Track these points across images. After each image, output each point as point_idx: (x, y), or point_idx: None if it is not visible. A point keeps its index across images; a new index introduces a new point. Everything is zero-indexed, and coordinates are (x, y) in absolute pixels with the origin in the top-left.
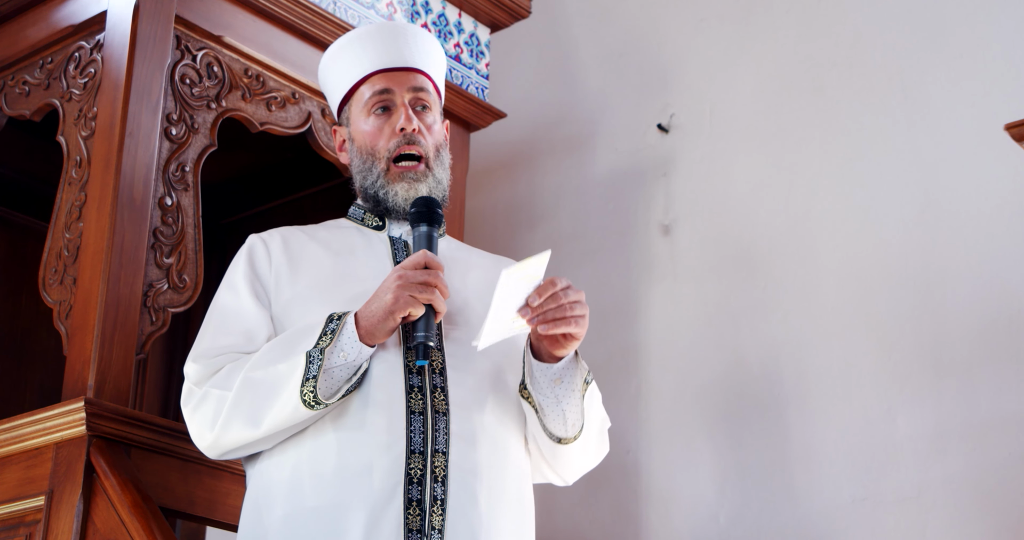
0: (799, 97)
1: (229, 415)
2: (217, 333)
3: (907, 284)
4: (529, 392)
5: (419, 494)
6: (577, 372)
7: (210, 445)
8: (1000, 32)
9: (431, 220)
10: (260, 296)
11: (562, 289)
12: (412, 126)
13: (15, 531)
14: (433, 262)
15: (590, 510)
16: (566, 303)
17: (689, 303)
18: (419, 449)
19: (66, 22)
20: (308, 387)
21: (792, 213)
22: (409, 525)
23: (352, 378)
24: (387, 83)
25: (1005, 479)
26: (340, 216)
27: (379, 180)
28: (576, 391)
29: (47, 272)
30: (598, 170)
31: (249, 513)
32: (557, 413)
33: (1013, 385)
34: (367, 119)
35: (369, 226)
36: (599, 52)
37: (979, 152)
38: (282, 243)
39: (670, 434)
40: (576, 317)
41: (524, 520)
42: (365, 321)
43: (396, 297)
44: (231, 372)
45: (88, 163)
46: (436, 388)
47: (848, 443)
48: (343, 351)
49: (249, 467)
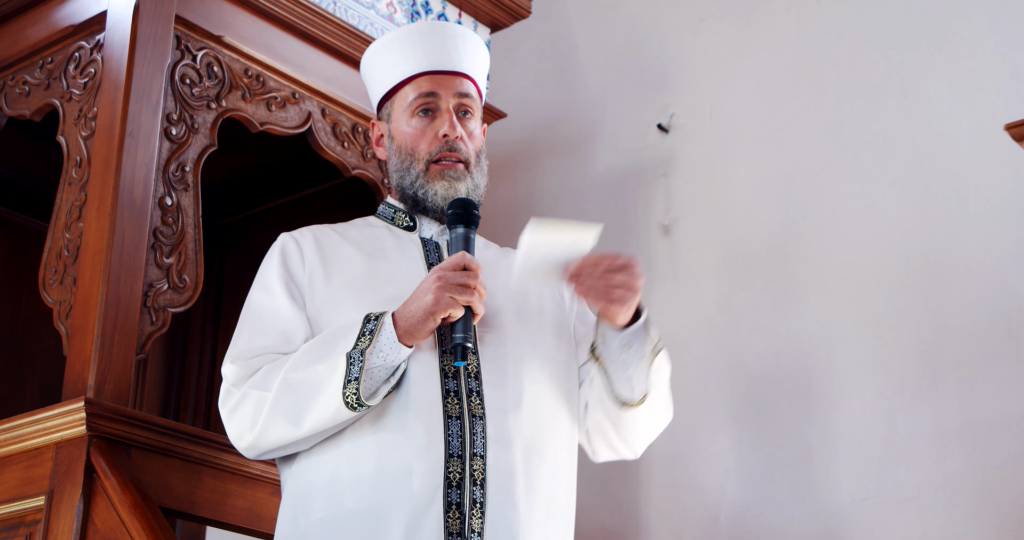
0: (799, 97)
1: (269, 416)
2: (253, 334)
3: (907, 284)
4: (599, 354)
5: (458, 497)
6: (647, 340)
7: (250, 445)
8: (1000, 32)
9: (468, 221)
10: (295, 296)
11: (608, 267)
12: (456, 133)
13: (15, 531)
14: (472, 264)
15: (590, 510)
16: (605, 285)
17: (689, 303)
18: (457, 453)
19: (66, 22)
20: (351, 389)
21: (792, 213)
22: (449, 528)
23: (390, 379)
24: (433, 86)
25: (1005, 479)
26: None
27: (418, 180)
28: (644, 358)
29: (47, 272)
30: (598, 170)
31: (287, 516)
32: (624, 378)
33: (1013, 385)
34: (410, 120)
35: (400, 226)
36: (599, 52)
37: (979, 152)
38: (315, 242)
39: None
40: (613, 299)
41: (561, 521)
42: (404, 322)
43: (437, 298)
44: (270, 373)
45: (88, 163)
46: (472, 392)
47: (848, 443)
48: (382, 351)
49: (285, 469)
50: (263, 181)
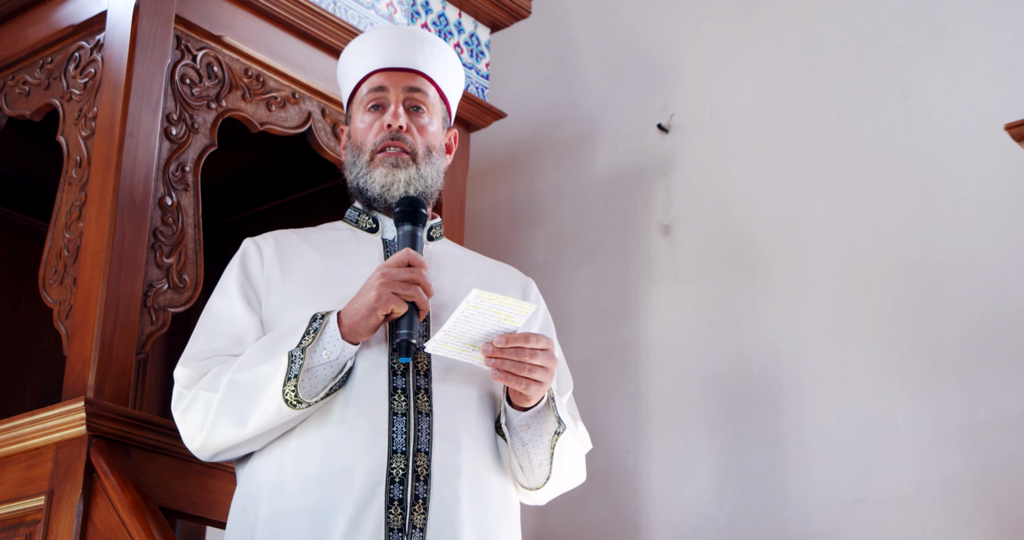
0: (799, 97)
1: (216, 416)
2: (208, 337)
3: (907, 284)
4: (503, 432)
5: (401, 493)
6: (548, 422)
7: (200, 447)
8: (1000, 32)
9: (415, 219)
10: (251, 300)
11: (531, 348)
12: (399, 123)
13: (15, 531)
14: (416, 260)
15: (589, 510)
16: (527, 364)
17: (689, 303)
18: (401, 449)
19: (66, 22)
20: (290, 387)
21: (792, 213)
22: (390, 524)
23: (337, 377)
24: (383, 81)
25: (1005, 479)
26: (340, 217)
27: (362, 170)
28: (544, 438)
29: (47, 272)
30: (598, 170)
31: (236, 513)
32: (523, 454)
33: (1013, 385)
34: (361, 116)
35: (363, 228)
36: (599, 52)
37: (979, 152)
38: (275, 246)
39: (670, 434)
40: (531, 379)
41: (509, 520)
42: (348, 319)
43: (379, 294)
44: (218, 374)
45: (88, 163)
46: (420, 389)
47: (848, 443)
48: (325, 349)
49: (239, 468)
50: (263, 181)
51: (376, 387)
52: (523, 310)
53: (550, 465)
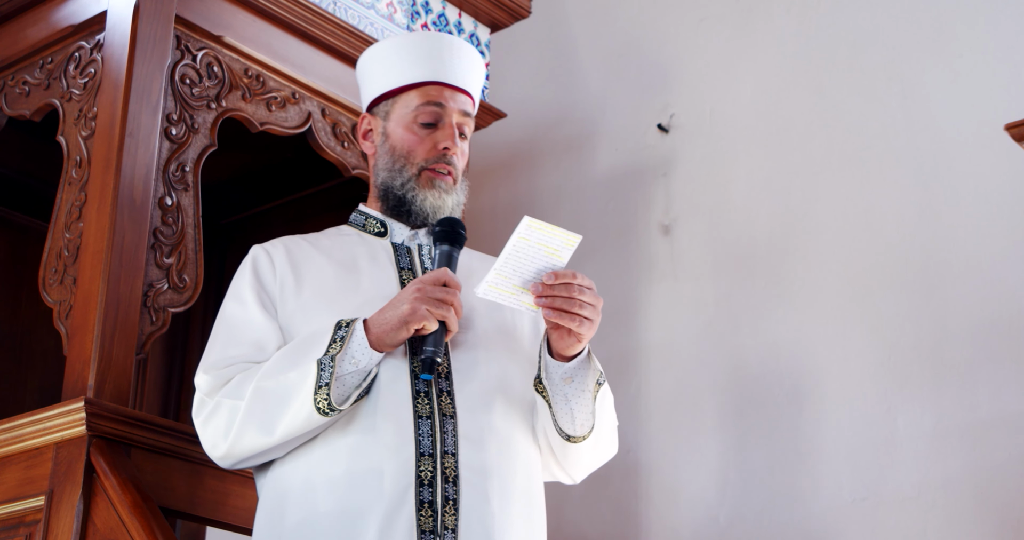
0: (799, 97)
1: (243, 424)
2: (226, 344)
3: (907, 284)
4: (544, 386)
5: (431, 495)
6: (589, 372)
7: (224, 454)
8: (1000, 32)
9: (454, 240)
10: (267, 306)
11: (579, 285)
12: (455, 150)
13: (15, 531)
14: (452, 281)
15: (590, 510)
16: (578, 300)
17: (689, 303)
18: (428, 451)
19: (66, 22)
20: (322, 394)
21: (792, 213)
22: (422, 526)
23: (362, 384)
24: (442, 99)
25: (1005, 479)
26: (341, 218)
27: (409, 183)
28: (587, 391)
29: (47, 272)
30: (598, 170)
31: (263, 521)
32: (566, 411)
33: (1013, 385)
34: (411, 124)
35: (371, 233)
36: (599, 52)
37: (979, 152)
38: (285, 253)
39: (670, 434)
40: (583, 317)
41: (536, 517)
42: (377, 328)
43: (413, 309)
44: (242, 382)
45: (88, 163)
46: (442, 392)
47: (848, 443)
48: (354, 357)
49: (260, 476)
50: (263, 181)
51: (399, 391)
52: (569, 242)
53: (593, 417)
